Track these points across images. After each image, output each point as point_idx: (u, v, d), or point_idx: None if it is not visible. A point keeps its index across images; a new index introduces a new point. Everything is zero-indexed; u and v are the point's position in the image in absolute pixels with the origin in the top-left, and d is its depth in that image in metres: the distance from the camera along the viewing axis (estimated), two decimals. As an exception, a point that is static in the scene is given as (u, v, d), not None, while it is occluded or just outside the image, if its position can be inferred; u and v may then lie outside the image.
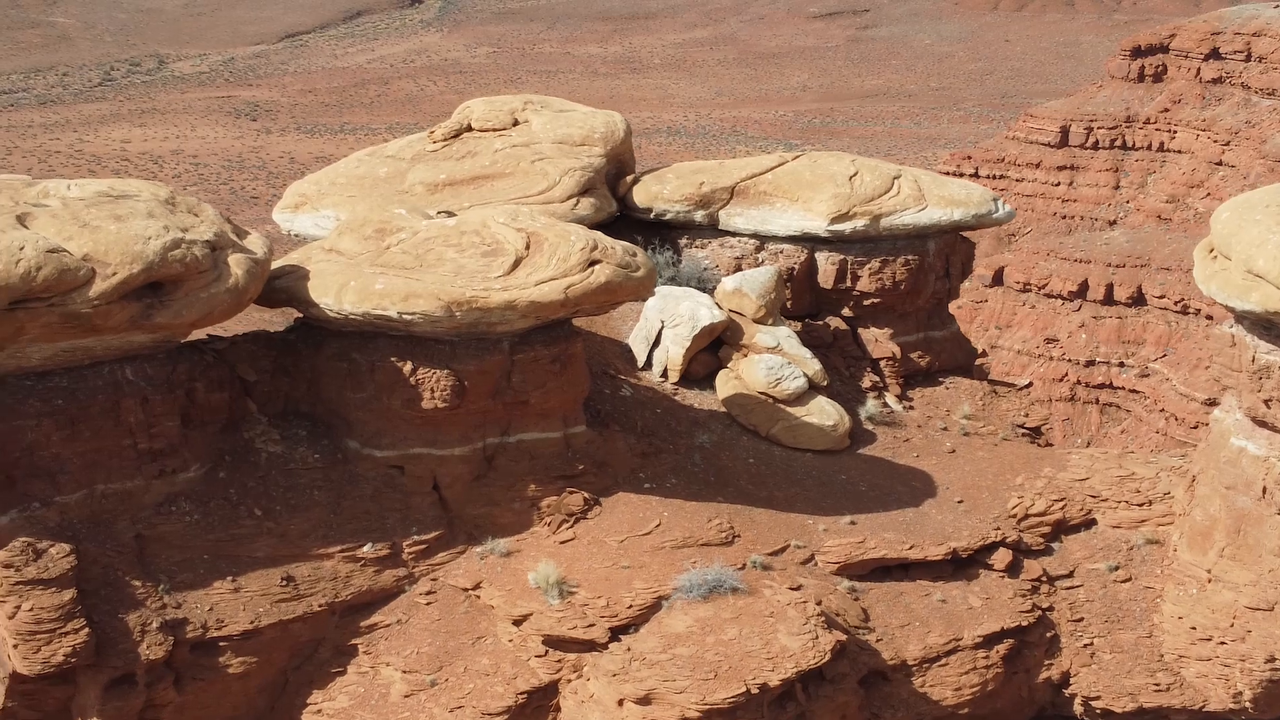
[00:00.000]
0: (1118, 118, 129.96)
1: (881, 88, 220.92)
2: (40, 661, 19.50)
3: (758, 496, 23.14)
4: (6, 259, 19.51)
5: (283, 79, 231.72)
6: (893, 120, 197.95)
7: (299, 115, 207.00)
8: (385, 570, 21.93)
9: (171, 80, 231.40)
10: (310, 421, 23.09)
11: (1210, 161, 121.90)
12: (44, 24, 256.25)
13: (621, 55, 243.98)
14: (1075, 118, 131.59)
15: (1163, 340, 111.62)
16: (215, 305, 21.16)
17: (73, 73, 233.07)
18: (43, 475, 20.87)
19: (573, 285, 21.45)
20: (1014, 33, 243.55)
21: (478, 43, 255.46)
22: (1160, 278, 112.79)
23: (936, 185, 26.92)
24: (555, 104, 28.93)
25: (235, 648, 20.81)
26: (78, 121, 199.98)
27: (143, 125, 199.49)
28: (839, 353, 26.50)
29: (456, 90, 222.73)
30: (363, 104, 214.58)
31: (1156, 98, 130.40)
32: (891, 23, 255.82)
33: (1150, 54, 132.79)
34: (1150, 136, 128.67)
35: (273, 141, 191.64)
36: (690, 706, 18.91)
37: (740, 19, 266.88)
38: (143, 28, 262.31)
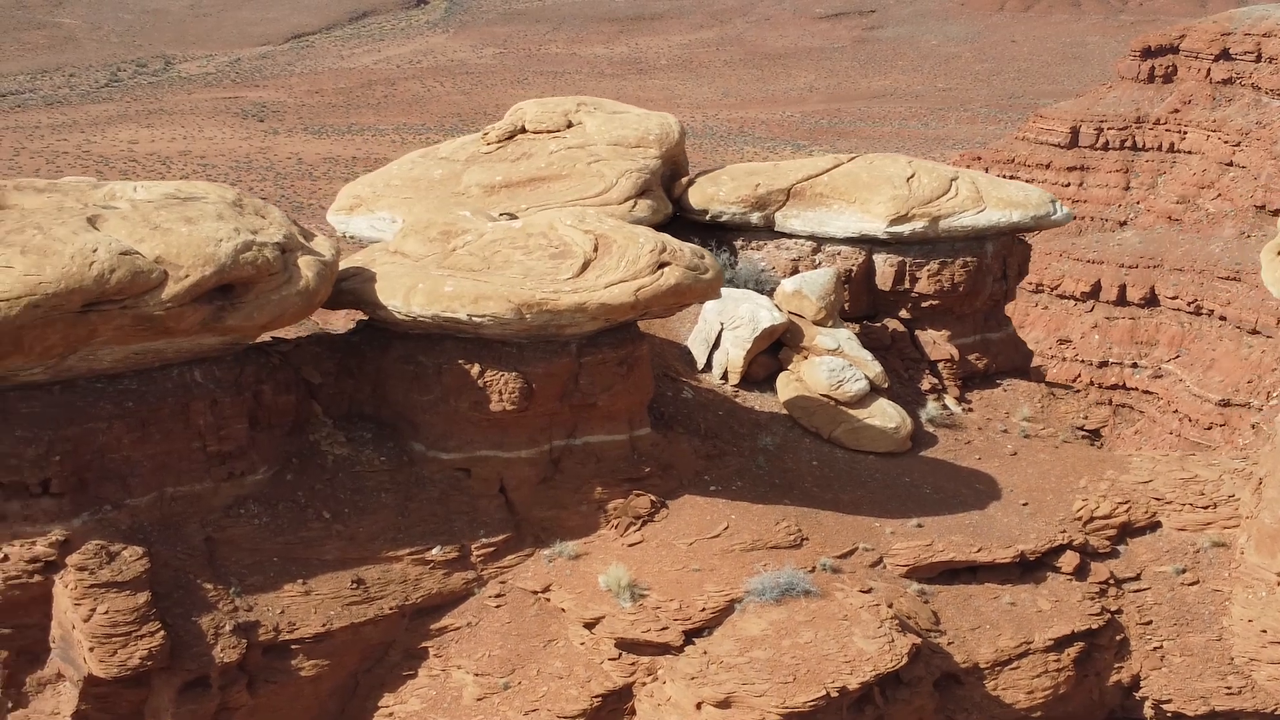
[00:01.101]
0: (1128, 118, 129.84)
1: (888, 88, 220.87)
2: (117, 664, 19.47)
3: (823, 499, 23.11)
4: (80, 261, 19.50)
5: (289, 80, 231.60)
6: (900, 121, 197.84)
7: (306, 116, 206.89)
8: (454, 573, 21.90)
9: (178, 81, 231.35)
10: (375, 424, 23.06)
11: (1221, 162, 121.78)
12: (50, 25, 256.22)
13: (628, 56, 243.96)
14: (1085, 118, 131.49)
15: (1176, 341, 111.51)
16: (286, 308, 21.14)
17: (79, 73, 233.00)
18: (113, 478, 20.85)
19: (643, 287, 21.42)
20: (1020, 33, 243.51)
21: (484, 43, 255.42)
22: (1173, 278, 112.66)
23: (994, 187, 26.89)
24: (608, 105, 28.91)
25: (307, 650, 20.78)
26: (85, 122, 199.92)
27: (150, 126, 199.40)
28: (897, 355, 26.47)
29: (463, 91, 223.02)
30: (369, 105, 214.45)
31: (1167, 98, 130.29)
32: (898, 23, 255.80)
33: (1160, 55, 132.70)
34: (1160, 137, 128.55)
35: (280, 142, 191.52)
36: (771, 710, 18.88)
37: (746, 20, 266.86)
38: (148, 29, 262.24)
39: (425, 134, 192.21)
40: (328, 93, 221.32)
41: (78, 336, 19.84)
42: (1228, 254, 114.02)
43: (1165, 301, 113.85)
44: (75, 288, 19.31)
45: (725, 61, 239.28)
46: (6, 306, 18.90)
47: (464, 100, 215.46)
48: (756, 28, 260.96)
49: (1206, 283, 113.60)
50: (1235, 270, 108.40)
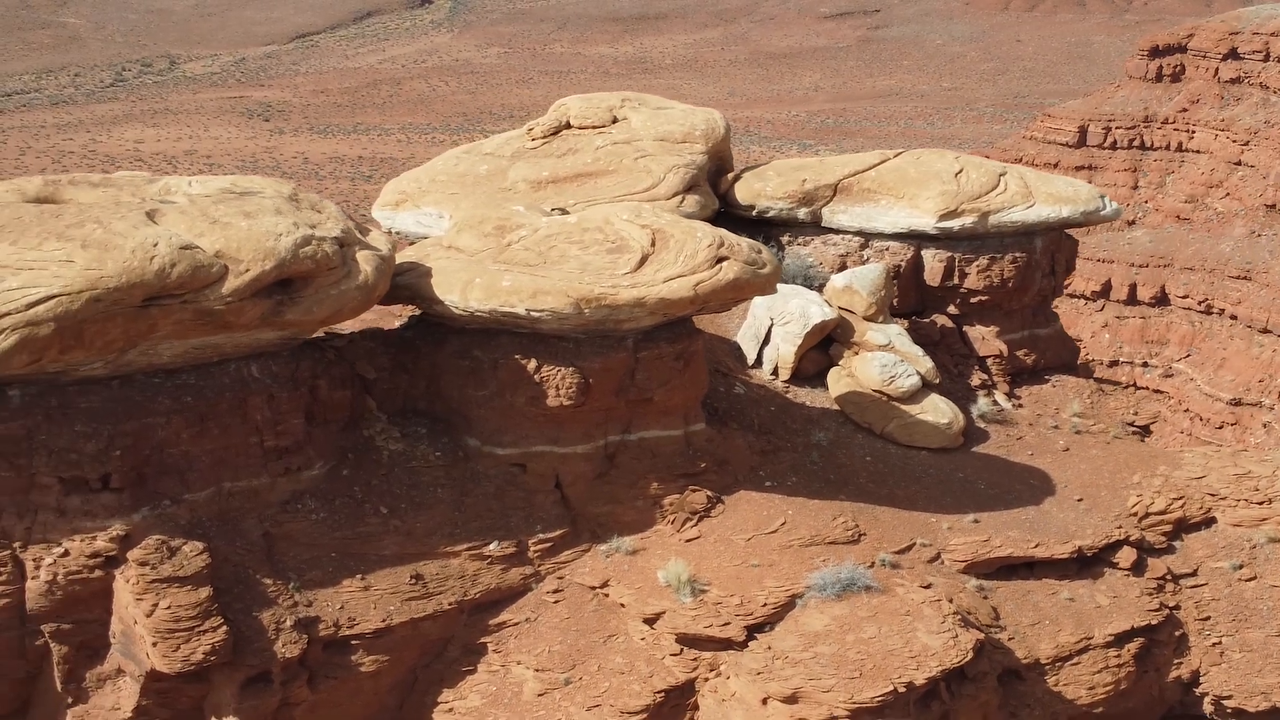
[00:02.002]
0: (1136, 118, 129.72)
1: (894, 88, 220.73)
2: (180, 660, 19.38)
3: (878, 495, 23.04)
4: (141, 255, 19.44)
5: (294, 79, 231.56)
6: (906, 120, 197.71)
7: (311, 116, 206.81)
8: (512, 568, 21.82)
9: (183, 81, 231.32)
10: (429, 419, 23.00)
11: (1229, 161, 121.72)
12: (54, 25, 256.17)
13: (633, 56, 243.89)
14: (1093, 117, 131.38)
15: (1186, 340, 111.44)
16: (345, 302, 21.08)
17: (84, 73, 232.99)
18: (172, 473, 20.78)
19: (701, 282, 21.36)
20: (1025, 33, 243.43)
21: (488, 43, 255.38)
22: (1184, 277, 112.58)
23: (1043, 182, 26.83)
24: (652, 101, 28.85)
25: (367, 646, 20.70)
26: (90, 122, 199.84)
27: (156, 125, 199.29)
28: (946, 350, 26.42)
29: (468, 91, 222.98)
30: (375, 104, 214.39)
31: (1175, 98, 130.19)
32: (902, 23, 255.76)
33: (1168, 54, 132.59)
34: (1169, 136, 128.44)
35: (286, 142, 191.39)
36: (839, 705, 18.80)
37: (750, 19, 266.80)
38: (153, 28, 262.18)
39: (431, 133, 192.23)
40: (333, 92, 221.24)
41: (138, 331, 19.77)
42: (1238, 253, 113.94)
43: (1176, 301, 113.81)
44: (136, 282, 19.24)
45: (730, 61, 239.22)
46: (68, 300, 18.85)
47: (469, 100, 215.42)
48: (761, 27, 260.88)
49: (1217, 282, 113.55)
50: (1246, 269, 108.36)
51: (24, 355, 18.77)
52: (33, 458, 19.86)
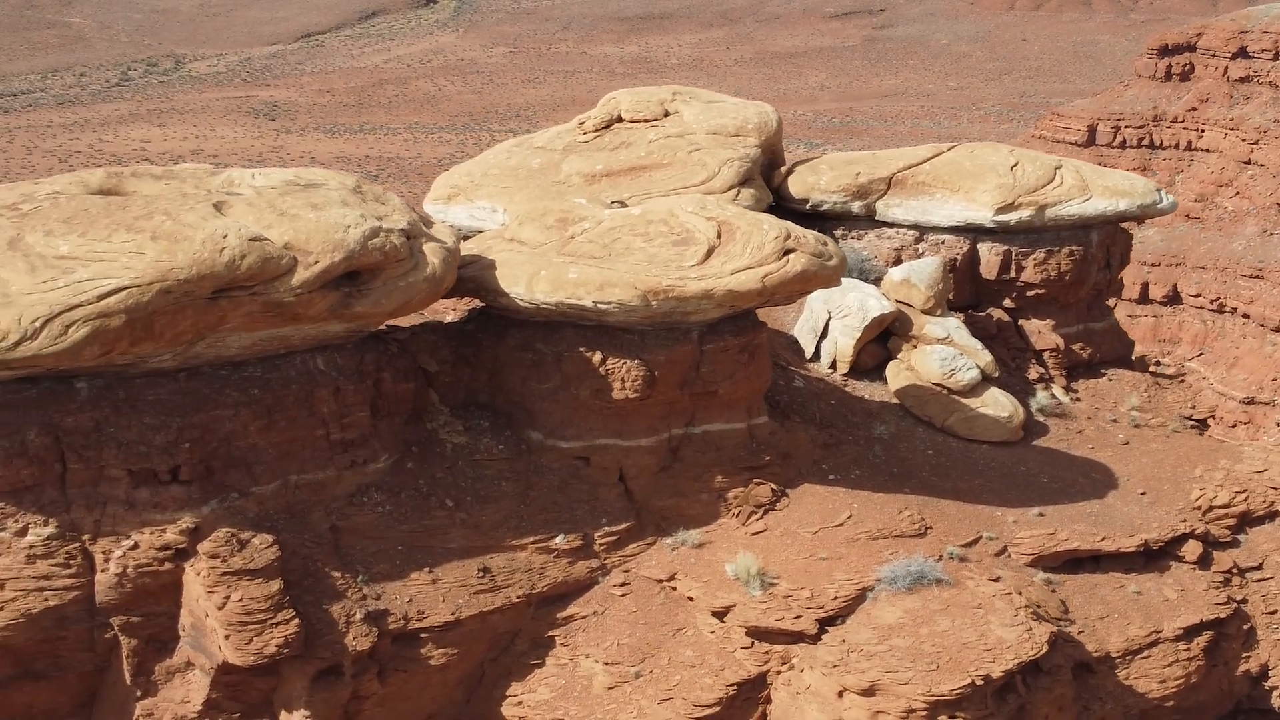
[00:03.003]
0: (1145, 117, 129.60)
1: (900, 87, 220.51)
2: (253, 653, 19.30)
3: (942, 488, 22.97)
4: (211, 247, 19.35)
5: (300, 79, 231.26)
6: (913, 120, 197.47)
7: (318, 115, 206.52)
8: (578, 561, 21.75)
9: (189, 80, 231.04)
10: (490, 412, 22.92)
11: (1239, 160, 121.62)
12: (59, 24, 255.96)
13: (638, 55, 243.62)
14: (1102, 116, 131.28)
15: (1199, 339, 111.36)
16: (413, 294, 20.99)
17: (90, 73, 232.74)
18: (239, 465, 20.70)
19: (769, 274, 21.27)
20: (1031, 32, 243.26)
21: (493, 43, 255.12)
22: (1195, 276, 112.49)
23: (1099, 176, 26.76)
24: (703, 95, 28.79)
25: (436, 639, 20.62)
26: (97, 121, 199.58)
27: (162, 125, 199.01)
28: (1002, 344, 26.34)
29: (474, 90, 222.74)
30: (381, 104, 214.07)
31: (1184, 96, 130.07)
32: (908, 22, 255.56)
33: (1177, 53, 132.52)
34: (1178, 135, 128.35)
35: (292, 141, 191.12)
36: (916, 698, 18.72)
37: (755, 19, 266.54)
38: (158, 28, 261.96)
39: (437, 133, 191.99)
40: (339, 92, 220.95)
41: (207, 323, 19.69)
42: (1250, 252, 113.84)
43: (1188, 299, 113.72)
44: (206, 273, 19.16)
45: (736, 60, 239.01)
46: (139, 292, 18.75)
47: (475, 100, 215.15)
48: (766, 27, 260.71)
49: (1229, 280, 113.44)
50: (1258, 268, 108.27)
51: (95, 347, 18.67)
52: (101, 450, 19.77)
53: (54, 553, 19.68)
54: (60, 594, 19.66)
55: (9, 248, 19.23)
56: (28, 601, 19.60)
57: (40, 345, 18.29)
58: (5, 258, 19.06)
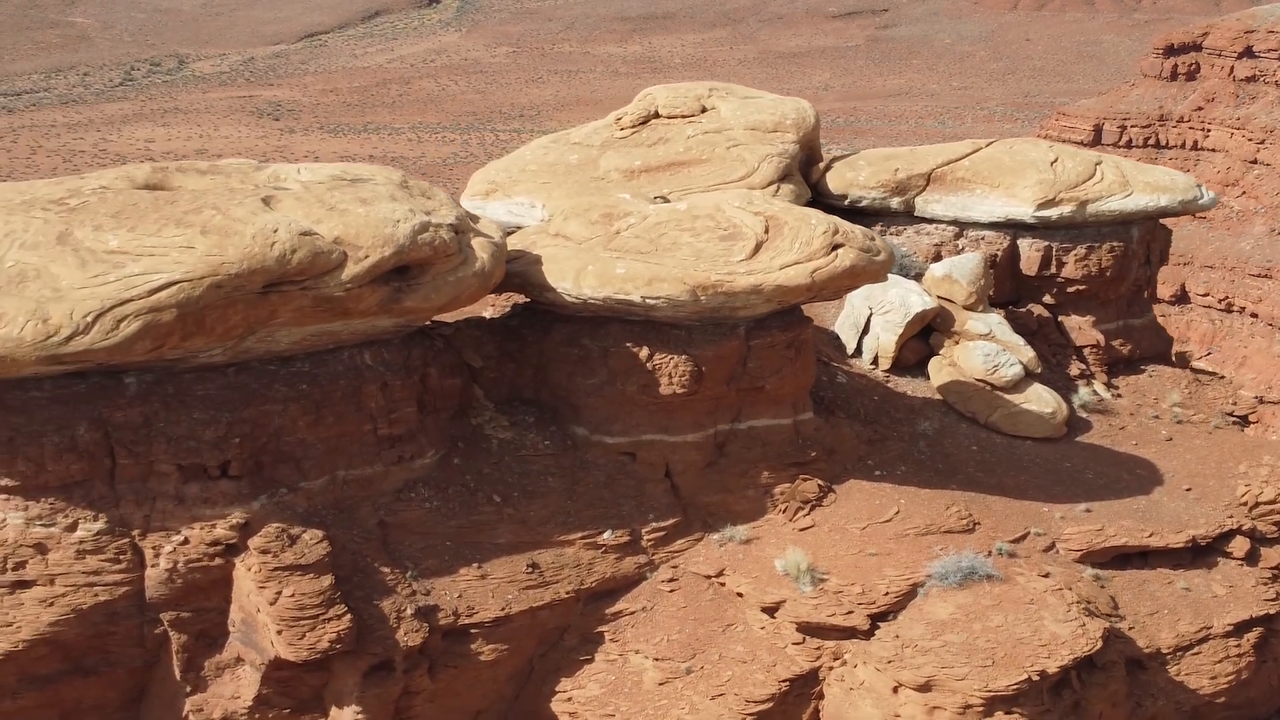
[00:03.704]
0: (1151, 116, 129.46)
1: (904, 87, 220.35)
2: (306, 648, 19.24)
3: (988, 484, 22.92)
4: (261, 241, 19.30)
5: (303, 79, 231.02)
6: (917, 120, 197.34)
7: (321, 115, 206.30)
8: (626, 557, 21.69)
9: (192, 80, 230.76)
10: (535, 407, 22.87)
11: (1245, 160, 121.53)
12: (63, 24, 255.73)
13: (641, 55, 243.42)
14: (1108, 116, 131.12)
15: (1207, 339, 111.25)
16: (462, 289, 20.93)
17: (93, 72, 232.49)
18: (288, 460, 20.64)
19: (819, 269, 21.22)
20: (1034, 32, 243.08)
21: (497, 42, 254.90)
22: (1203, 275, 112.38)
23: (1139, 171, 26.72)
24: (739, 90, 28.73)
25: (486, 635, 20.57)
26: (100, 121, 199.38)
27: (166, 125, 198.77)
28: (1043, 340, 26.30)
29: (478, 90, 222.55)
30: (385, 104, 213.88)
31: (1190, 96, 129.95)
32: (911, 22, 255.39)
33: (1183, 52, 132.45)
34: (1184, 135, 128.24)
35: (297, 141, 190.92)
36: (973, 693, 18.66)
37: (758, 19, 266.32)
38: (161, 28, 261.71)
39: (442, 133, 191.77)
40: (342, 91, 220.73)
41: (257, 317, 19.63)
42: (1258, 251, 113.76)
43: (1196, 299, 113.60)
44: (257, 268, 19.11)
45: (739, 60, 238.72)
46: (190, 287, 18.71)
47: (479, 99, 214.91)
48: (769, 27, 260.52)
49: (1237, 280, 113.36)
50: (1266, 267, 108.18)
51: (147, 341, 18.61)
52: (151, 445, 19.73)
53: (104, 548, 19.63)
54: (110, 589, 19.62)
55: (58, 242, 19.18)
56: (78, 597, 19.57)
57: (92, 340, 18.24)
58: (55, 252, 19.01)
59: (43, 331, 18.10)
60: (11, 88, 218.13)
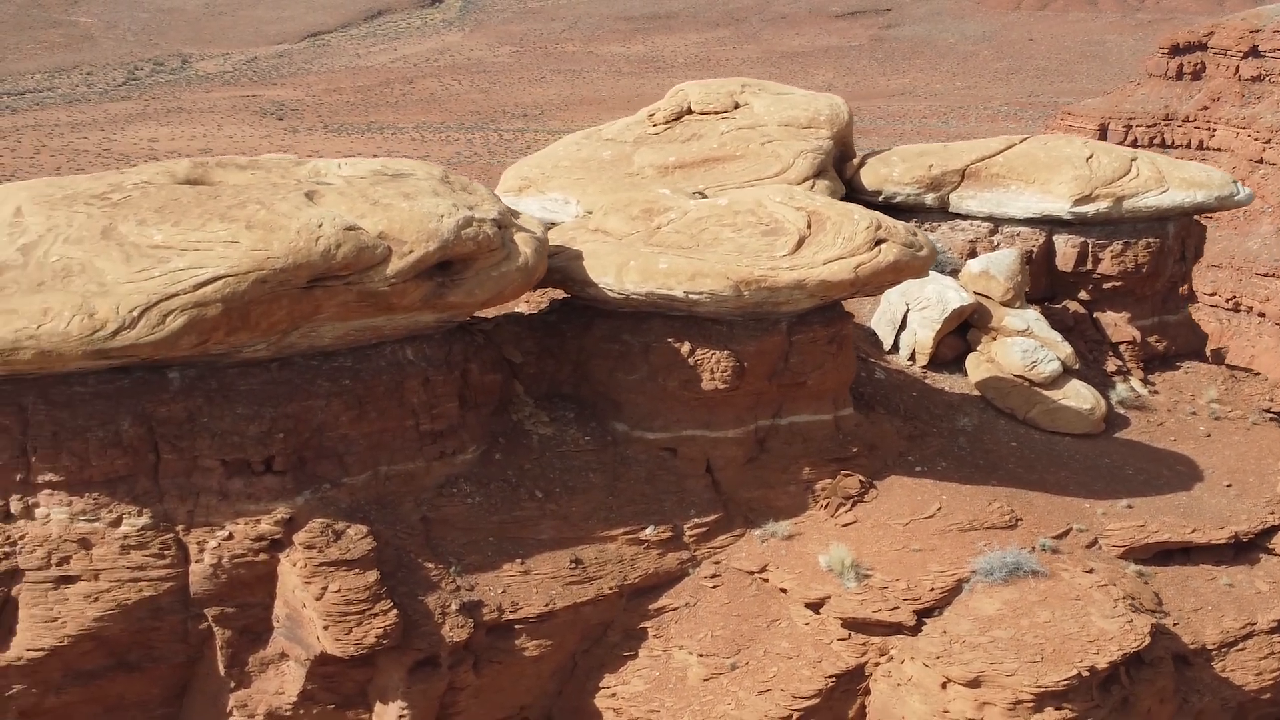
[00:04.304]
0: (1156, 116, 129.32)
1: (907, 87, 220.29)
2: (353, 643, 19.18)
3: (1028, 480, 22.86)
4: (306, 236, 19.24)
5: (306, 78, 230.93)
6: (920, 119, 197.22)
7: (325, 114, 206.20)
8: (668, 553, 21.63)
9: (195, 79, 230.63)
10: (575, 403, 22.82)
11: (1251, 160, 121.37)
12: (66, 23, 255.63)
13: (645, 55, 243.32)
14: (1114, 115, 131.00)
15: (1214, 338, 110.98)
16: (506, 284, 20.87)
17: (96, 72, 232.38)
18: (331, 456, 20.59)
19: (862, 264, 21.16)
20: (1038, 31, 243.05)
21: (500, 42, 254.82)
22: (1211, 275, 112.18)
23: (1175, 168, 26.67)
24: (772, 87, 28.67)
25: (530, 630, 20.51)
26: (104, 120, 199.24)
27: (169, 124, 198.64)
28: (1079, 336, 26.24)
29: (482, 90, 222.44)
30: (388, 103, 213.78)
31: (1195, 95, 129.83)
32: (914, 22, 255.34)
33: (1188, 52, 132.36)
34: (1190, 134, 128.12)
35: (300, 140, 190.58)
36: (1023, 689, 18.60)
37: (761, 18, 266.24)
38: (164, 27, 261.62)
39: (445, 132, 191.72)
40: (346, 91, 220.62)
41: (302, 312, 19.57)
42: (1266, 250, 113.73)
43: (1204, 298, 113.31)
44: (302, 262, 19.05)
45: (743, 60, 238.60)
46: (235, 281, 18.65)
47: (483, 99, 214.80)
48: (772, 26, 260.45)
49: (1245, 279, 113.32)
50: (1274, 267, 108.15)
51: (192, 336, 18.56)
52: (195, 440, 19.67)
53: (148, 543, 19.59)
54: (155, 585, 19.57)
55: (102, 237, 19.13)
56: (122, 592, 19.52)
57: (138, 334, 18.20)
58: (99, 247, 18.96)
59: (89, 326, 18.04)
60: (15, 87, 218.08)
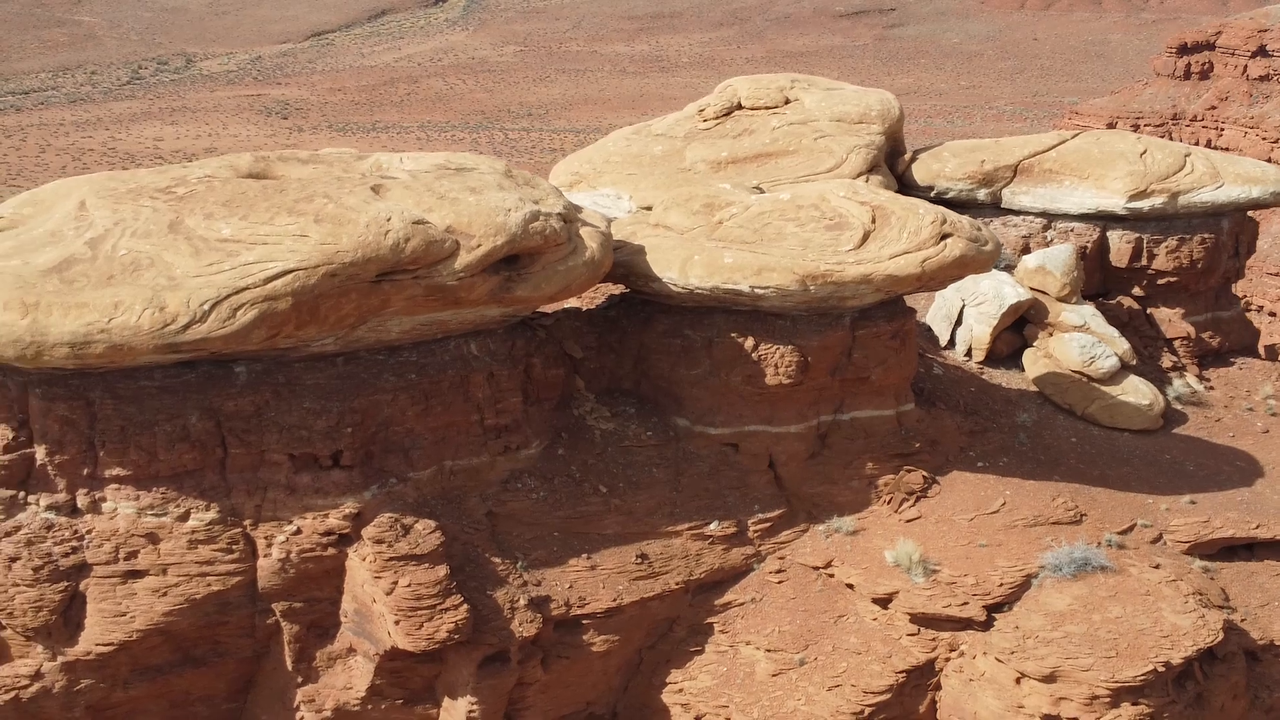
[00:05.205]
0: (1164, 115, 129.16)
1: (911, 86, 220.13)
2: (424, 638, 19.10)
3: (1090, 475, 22.79)
4: (375, 230, 19.14)
5: (311, 77, 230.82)
6: (925, 119, 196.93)
7: (330, 113, 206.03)
8: (733, 548, 21.56)
9: (200, 79, 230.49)
10: (636, 399, 22.74)
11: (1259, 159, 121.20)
12: (70, 23, 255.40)
13: (649, 54, 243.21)
14: (1122, 115, 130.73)
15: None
16: (573, 278, 20.78)
17: (101, 71, 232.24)
18: (397, 450, 20.51)
19: (928, 259, 21.08)
20: (1042, 31, 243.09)
21: (504, 41, 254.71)
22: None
23: (1229, 163, 26.61)
24: (821, 82, 28.59)
25: (598, 625, 20.45)
26: (109, 120, 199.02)
27: (174, 123, 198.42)
28: (1133, 332, 26.16)
29: (486, 89, 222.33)
30: (393, 102, 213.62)
31: (1203, 95, 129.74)
32: (918, 21, 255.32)
33: (1196, 51, 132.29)
34: (1197, 134, 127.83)
35: (306, 140, 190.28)
36: (1099, 684, 18.54)
37: (765, 18, 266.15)
38: (168, 26, 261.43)
39: (450, 131, 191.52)
40: (350, 90, 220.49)
41: (370, 307, 19.48)
42: (1276, 250, 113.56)
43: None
44: (371, 256, 18.96)
45: (747, 59, 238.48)
46: (305, 275, 18.55)
47: (487, 98, 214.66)
48: (776, 26, 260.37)
49: (1255, 279, 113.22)
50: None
51: (263, 330, 18.46)
52: (263, 435, 19.60)
53: (216, 538, 19.51)
54: (223, 579, 19.50)
55: (170, 231, 19.05)
56: (190, 587, 19.45)
57: (209, 328, 18.10)
58: (167, 240, 18.88)
59: (160, 320, 17.95)
60: (19, 86, 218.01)
